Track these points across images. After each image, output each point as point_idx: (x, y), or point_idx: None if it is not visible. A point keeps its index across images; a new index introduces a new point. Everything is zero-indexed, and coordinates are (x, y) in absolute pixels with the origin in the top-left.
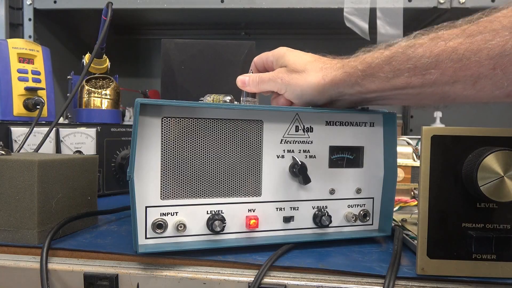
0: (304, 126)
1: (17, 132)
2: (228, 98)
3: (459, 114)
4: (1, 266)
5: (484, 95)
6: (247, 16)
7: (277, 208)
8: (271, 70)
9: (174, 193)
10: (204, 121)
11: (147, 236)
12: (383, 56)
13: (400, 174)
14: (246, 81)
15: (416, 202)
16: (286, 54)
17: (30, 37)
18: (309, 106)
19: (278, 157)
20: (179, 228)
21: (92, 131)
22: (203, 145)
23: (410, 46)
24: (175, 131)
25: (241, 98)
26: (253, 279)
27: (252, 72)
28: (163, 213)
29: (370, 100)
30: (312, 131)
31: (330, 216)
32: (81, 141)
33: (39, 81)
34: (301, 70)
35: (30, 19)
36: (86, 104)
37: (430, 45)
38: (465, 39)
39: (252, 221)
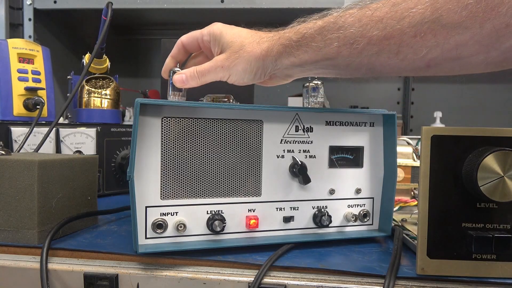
0: (304, 126)
1: (17, 132)
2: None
3: (459, 114)
4: (1, 266)
5: (407, 65)
6: (247, 16)
7: (277, 208)
8: (208, 51)
9: (174, 193)
10: (204, 121)
11: (147, 236)
12: (316, 26)
13: (400, 174)
14: (184, 78)
15: (416, 202)
16: (222, 33)
17: (30, 37)
18: (251, 84)
19: (278, 157)
20: (179, 228)
21: (92, 131)
22: (203, 145)
23: (340, 16)
24: (175, 131)
25: (168, 94)
26: (253, 279)
27: (178, 65)
28: (163, 213)
29: (306, 71)
30: (312, 131)
31: (330, 216)
32: (81, 141)
33: (39, 81)
34: (239, 49)
35: (30, 19)
36: (86, 104)
37: (359, 14)
38: (390, 8)
39: (252, 221)
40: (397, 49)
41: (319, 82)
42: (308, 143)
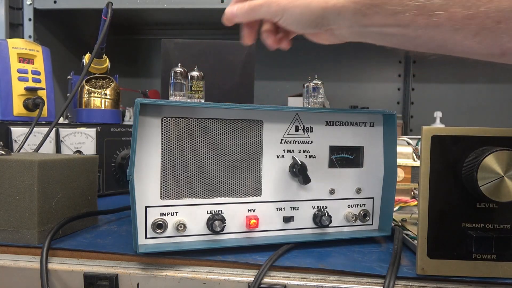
0: (304, 126)
1: (17, 132)
2: None
3: (459, 114)
4: (1, 266)
5: (482, 49)
6: None
7: (277, 208)
8: None
9: (174, 193)
10: (204, 121)
11: (147, 236)
12: None
13: (400, 174)
14: (234, 11)
15: (416, 202)
16: None
17: (30, 37)
18: (303, 33)
19: (278, 157)
20: (179, 228)
21: (92, 131)
22: (203, 145)
23: None
24: (175, 131)
25: (170, 94)
26: (253, 279)
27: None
28: (163, 213)
29: (366, 35)
30: (312, 131)
31: (330, 216)
32: (81, 141)
33: (39, 81)
34: None
35: (30, 19)
36: (86, 104)
37: None
38: None
39: (252, 221)
40: (476, 31)
41: (319, 82)
42: (308, 143)
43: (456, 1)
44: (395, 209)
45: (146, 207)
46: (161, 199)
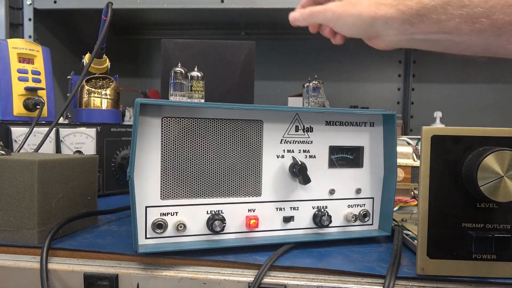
0: (304, 126)
1: (17, 132)
2: None
3: (459, 114)
4: (1, 266)
5: None
6: (247, 16)
7: (277, 208)
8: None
9: (174, 193)
10: (204, 121)
11: (147, 236)
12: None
13: (400, 174)
14: (296, 16)
15: (416, 202)
16: None
17: (30, 37)
18: (354, 37)
19: (278, 157)
20: (179, 228)
21: (92, 131)
22: (203, 145)
23: None
24: (175, 131)
25: (170, 94)
26: (253, 279)
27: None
28: (163, 213)
29: (413, 42)
30: (312, 131)
31: (330, 216)
32: (81, 141)
33: (39, 81)
34: (356, 1)
35: (30, 19)
36: (86, 104)
37: None
38: None
39: (252, 221)
40: None
41: (319, 82)
42: (308, 143)
43: (497, 8)
44: (395, 209)
45: (146, 207)
46: (161, 199)
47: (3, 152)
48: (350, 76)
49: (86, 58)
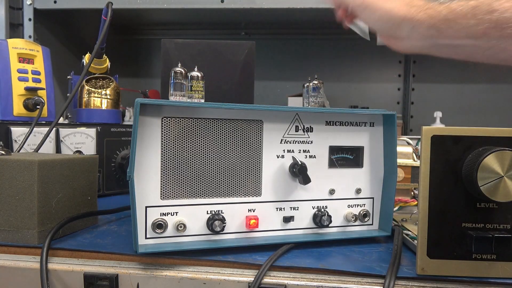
0: (304, 126)
1: (17, 132)
2: None
3: (459, 114)
4: (1, 266)
5: None
6: (247, 16)
7: (277, 208)
8: None
9: (174, 193)
10: (204, 121)
11: (147, 236)
12: (468, 5)
13: (400, 174)
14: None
15: (416, 202)
16: None
17: (30, 37)
18: (375, 33)
19: (278, 157)
20: (179, 228)
21: (92, 131)
22: (203, 145)
23: None
24: (175, 131)
25: (170, 94)
26: (253, 279)
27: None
28: (163, 213)
29: (436, 48)
30: (312, 131)
31: (330, 216)
32: (81, 141)
33: (39, 81)
34: None
35: (30, 19)
36: (86, 104)
37: None
38: None
39: (252, 221)
40: None
41: (319, 82)
42: (308, 143)
43: None
44: (395, 209)
45: (146, 207)
46: (161, 199)
47: (3, 152)
48: (350, 76)
49: (86, 58)
